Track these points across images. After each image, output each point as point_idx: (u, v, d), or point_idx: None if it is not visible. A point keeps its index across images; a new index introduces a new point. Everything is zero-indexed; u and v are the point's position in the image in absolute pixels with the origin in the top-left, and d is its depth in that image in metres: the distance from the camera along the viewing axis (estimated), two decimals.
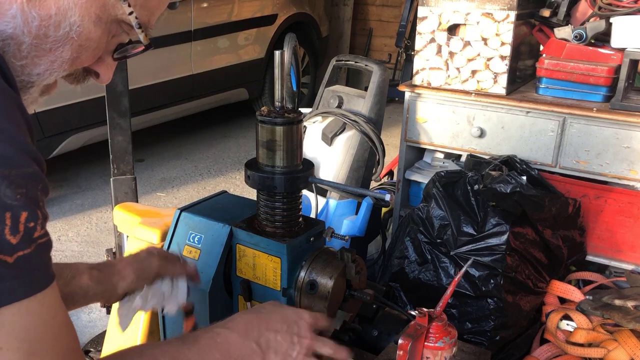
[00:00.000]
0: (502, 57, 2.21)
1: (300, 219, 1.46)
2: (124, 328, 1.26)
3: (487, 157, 2.25)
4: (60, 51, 0.82)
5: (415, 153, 2.57)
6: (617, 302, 1.81)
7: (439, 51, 2.31)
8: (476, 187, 2.00)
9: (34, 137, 0.77)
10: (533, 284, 1.99)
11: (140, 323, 1.87)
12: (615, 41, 2.14)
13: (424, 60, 2.36)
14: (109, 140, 2.44)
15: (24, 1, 0.78)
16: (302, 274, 1.37)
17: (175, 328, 1.50)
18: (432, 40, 2.32)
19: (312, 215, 2.22)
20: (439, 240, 2.00)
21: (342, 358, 1.09)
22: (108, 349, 2.00)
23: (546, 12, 2.35)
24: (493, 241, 1.91)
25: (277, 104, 1.36)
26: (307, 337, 1.07)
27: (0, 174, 0.68)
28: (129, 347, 0.94)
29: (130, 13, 0.84)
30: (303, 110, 1.75)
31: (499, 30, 2.19)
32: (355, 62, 2.44)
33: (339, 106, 2.34)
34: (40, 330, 0.73)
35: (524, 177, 2.01)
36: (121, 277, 1.22)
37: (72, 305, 1.17)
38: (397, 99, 5.76)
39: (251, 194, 1.55)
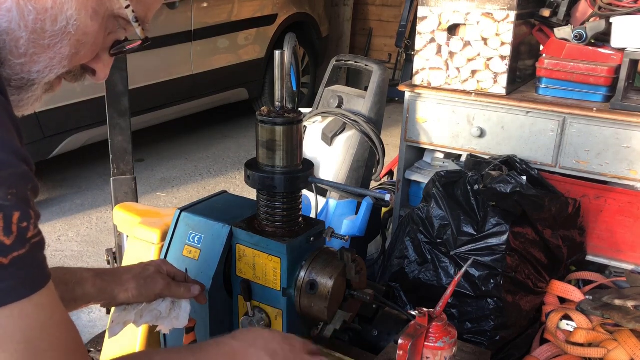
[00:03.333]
0: (502, 57, 2.21)
1: (300, 219, 1.46)
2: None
3: (487, 157, 2.25)
4: (59, 47, 0.81)
5: (415, 153, 2.57)
6: (617, 302, 1.81)
7: (439, 51, 2.31)
8: (476, 187, 2.00)
9: (22, 140, 0.76)
10: (533, 284, 1.99)
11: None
12: (615, 41, 2.14)
13: (424, 60, 2.36)
14: (109, 140, 2.44)
15: None
16: (302, 274, 1.37)
17: (175, 340, 1.49)
18: (432, 40, 2.32)
19: (312, 215, 2.22)
20: (439, 240, 2.00)
21: None
22: (108, 349, 2.00)
23: (546, 12, 2.35)
24: (493, 241, 1.91)
25: (277, 104, 1.36)
26: (302, 350, 1.10)
27: None
28: (138, 352, 0.95)
29: (127, 7, 0.84)
30: (303, 110, 1.75)
31: (499, 30, 2.19)
32: (355, 62, 2.44)
33: (339, 106, 2.34)
34: (37, 331, 0.72)
35: (524, 177, 2.01)
36: (123, 289, 1.23)
37: (73, 308, 1.18)
38: (397, 99, 5.76)
39: (251, 194, 1.55)
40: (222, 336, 1.06)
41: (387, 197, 1.48)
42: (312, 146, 2.33)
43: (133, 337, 1.84)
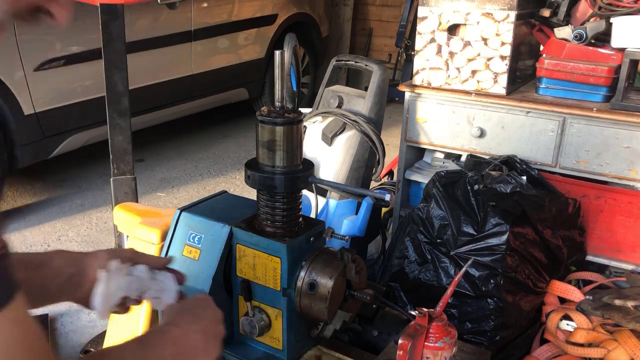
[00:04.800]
0: (502, 57, 2.21)
1: (300, 219, 1.46)
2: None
3: (487, 157, 2.25)
4: None
5: (415, 153, 2.57)
6: (617, 302, 1.81)
7: (439, 51, 2.31)
8: (476, 187, 2.00)
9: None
10: (533, 284, 1.99)
11: (140, 321, 1.88)
12: (615, 41, 2.14)
13: (424, 60, 2.36)
14: (109, 140, 2.44)
15: None
16: (302, 274, 1.37)
17: None
18: (432, 40, 2.32)
19: (312, 215, 2.22)
20: (439, 240, 2.00)
21: None
22: (110, 340, 2.00)
23: (546, 12, 2.35)
24: (493, 241, 1.91)
25: (277, 104, 1.36)
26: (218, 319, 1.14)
27: None
28: (98, 350, 0.95)
29: None
30: (303, 110, 1.75)
31: (499, 30, 2.19)
32: (355, 62, 2.44)
33: (339, 106, 2.34)
34: (7, 348, 0.67)
35: (524, 177, 2.01)
36: (94, 257, 1.17)
37: (46, 296, 1.13)
38: (397, 99, 5.76)
39: (251, 194, 1.55)
40: (164, 324, 1.10)
41: (387, 197, 1.48)
42: (312, 146, 2.33)
43: (135, 326, 1.84)
